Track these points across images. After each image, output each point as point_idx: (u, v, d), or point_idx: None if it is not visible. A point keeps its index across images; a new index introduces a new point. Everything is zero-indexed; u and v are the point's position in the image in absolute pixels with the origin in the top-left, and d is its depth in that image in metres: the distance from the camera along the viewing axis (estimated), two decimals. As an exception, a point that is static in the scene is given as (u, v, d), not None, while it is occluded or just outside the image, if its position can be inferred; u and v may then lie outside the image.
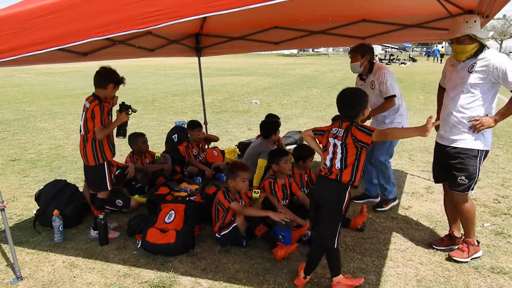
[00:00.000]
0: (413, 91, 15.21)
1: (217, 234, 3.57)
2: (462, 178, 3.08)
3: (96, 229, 3.67)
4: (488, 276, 3.05)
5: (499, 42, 51.79)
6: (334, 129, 2.72)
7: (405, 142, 7.22)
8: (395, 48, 42.04)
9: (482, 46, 2.97)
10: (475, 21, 2.92)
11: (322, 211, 2.72)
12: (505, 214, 4.17)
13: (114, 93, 3.53)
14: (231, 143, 7.42)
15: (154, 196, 4.39)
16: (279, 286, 2.95)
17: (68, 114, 11.05)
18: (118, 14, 2.16)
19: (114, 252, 3.49)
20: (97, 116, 3.38)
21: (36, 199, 4.16)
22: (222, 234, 3.53)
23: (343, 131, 2.65)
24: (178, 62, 38.94)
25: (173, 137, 6.11)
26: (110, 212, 4.29)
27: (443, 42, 26.81)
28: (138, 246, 3.52)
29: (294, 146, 5.96)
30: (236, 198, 3.66)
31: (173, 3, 2.07)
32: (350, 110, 2.69)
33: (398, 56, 41.88)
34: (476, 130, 2.99)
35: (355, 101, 2.67)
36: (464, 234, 3.37)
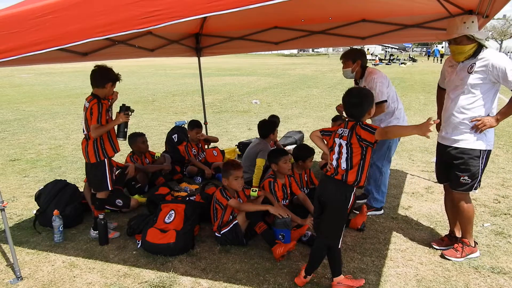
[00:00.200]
0: (413, 91, 15.23)
1: (216, 233, 3.57)
2: (465, 178, 3.08)
3: (96, 229, 3.67)
4: (488, 276, 3.05)
5: (499, 42, 51.81)
6: (340, 129, 2.72)
7: (405, 142, 7.23)
8: (395, 48, 42.08)
9: (481, 46, 2.97)
10: (473, 21, 2.91)
11: (326, 211, 2.72)
12: (505, 214, 4.17)
13: (112, 90, 3.55)
14: (231, 143, 7.43)
15: (154, 196, 4.39)
16: (279, 286, 2.95)
17: (68, 114, 11.05)
18: (118, 14, 2.16)
19: (114, 252, 3.50)
20: (94, 114, 3.39)
21: (36, 199, 4.16)
22: (222, 232, 3.53)
23: (348, 131, 2.64)
24: (178, 62, 38.95)
25: (173, 137, 6.12)
26: (110, 212, 4.29)
27: (443, 42, 26.79)
28: (138, 246, 3.52)
29: (294, 146, 5.98)
30: (234, 196, 3.66)
31: (173, 3, 2.07)
32: (356, 109, 2.68)
33: (398, 56, 41.92)
34: (478, 130, 2.98)
35: (362, 100, 2.66)
36: (461, 234, 3.38)
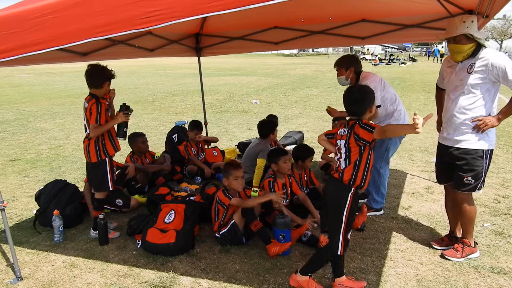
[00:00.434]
0: (413, 91, 15.23)
1: (216, 234, 3.58)
2: (468, 179, 3.07)
3: (96, 229, 3.67)
4: (488, 276, 3.05)
5: (499, 42, 51.80)
6: (341, 130, 2.70)
7: (405, 142, 7.22)
8: (395, 48, 42.12)
9: (480, 46, 2.96)
10: (473, 21, 2.91)
11: (328, 210, 2.73)
12: (505, 214, 4.17)
13: (109, 88, 3.57)
14: (231, 143, 7.43)
15: (154, 196, 4.39)
16: (279, 286, 2.95)
17: (68, 114, 11.05)
18: (118, 14, 2.16)
19: (114, 252, 3.50)
20: (93, 114, 3.40)
21: (36, 199, 4.16)
22: (221, 233, 3.53)
23: (348, 130, 2.63)
24: (178, 62, 38.94)
25: (173, 137, 6.12)
26: (110, 212, 4.29)
27: (443, 42, 26.77)
28: (138, 246, 3.52)
29: (294, 146, 5.97)
30: (236, 196, 3.66)
31: (173, 3, 2.07)
32: (357, 106, 2.64)
33: (398, 56, 41.93)
34: (480, 130, 2.98)
35: (363, 96, 2.63)
36: (461, 234, 3.37)
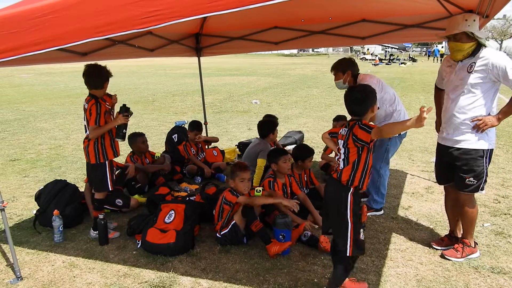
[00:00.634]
0: (413, 91, 15.23)
1: (217, 234, 3.58)
2: (470, 180, 3.06)
3: (96, 229, 3.67)
4: (488, 276, 3.05)
5: (499, 42, 51.82)
6: (342, 129, 2.64)
7: (405, 142, 7.19)
8: (395, 48, 42.12)
9: (480, 46, 2.96)
10: (474, 20, 2.91)
11: (328, 210, 2.70)
12: (505, 214, 4.17)
13: (107, 87, 3.58)
14: (231, 143, 7.43)
15: (154, 196, 4.39)
16: (279, 286, 2.95)
17: (68, 114, 11.05)
18: (118, 14, 2.16)
19: (114, 252, 3.50)
20: (93, 114, 3.41)
21: (36, 199, 4.16)
22: (222, 233, 3.53)
23: (347, 130, 2.57)
24: (178, 62, 38.94)
25: (173, 137, 6.12)
26: (110, 212, 4.29)
27: (443, 42, 26.77)
28: (138, 246, 3.52)
29: (294, 146, 5.97)
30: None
31: (173, 3, 2.07)
32: (359, 106, 2.57)
33: (398, 56, 41.93)
34: (480, 130, 2.97)
35: (365, 95, 2.57)
36: (462, 234, 3.37)
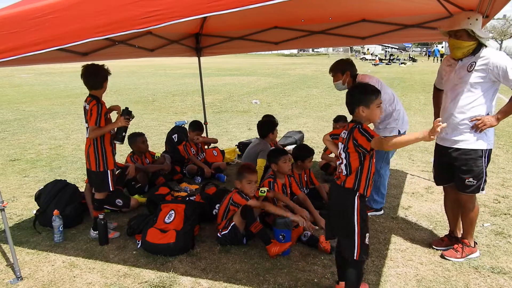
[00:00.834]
0: (413, 91, 15.23)
1: (218, 234, 3.58)
2: (470, 180, 3.04)
3: (96, 229, 3.66)
4: (488, 276, 3.05)
5: (499, 42, 51.83)
6: (343, 132, 2.53)
7: (405, 142, 7.21)
8: (395, 48, 42.13)
9: (480, 45, 2.95)
10: (477, 19, 2.90)
11: (333, 216, 2.60)
12: (505, 214, 4.17)
13: (107, 86, 3.58)
14: (231, 143, 7.43)
15: (154, 196, 4.39)
16: (279, 286, 2.95)
17: (68, 114, 11.05)
18: (118, 14, 2.16)
19: (114, 252, 3.49)
20: (93, 115, 3.40)
21: (36, 199, 4.16)
22: (222, 234, 3.53)
23: (347, 133, 2.45)
24: (178, 62, 38.94)
25: (173, 137, 6.11)
26: (110, 212, 4.29)
27: (443, 42, 26.77)
28: (138, 246, 3.52)
29: (294, 146, 5.97)
30: (251, 198, 3.66)
31: (173, 3, 2.07)
32: (349, 106, 2.46)
33: (398, 56, 41.95)
34: (478, 130, 2.96)
35: (353, 93, 2.46)
36: (461, 234, 3.37)
